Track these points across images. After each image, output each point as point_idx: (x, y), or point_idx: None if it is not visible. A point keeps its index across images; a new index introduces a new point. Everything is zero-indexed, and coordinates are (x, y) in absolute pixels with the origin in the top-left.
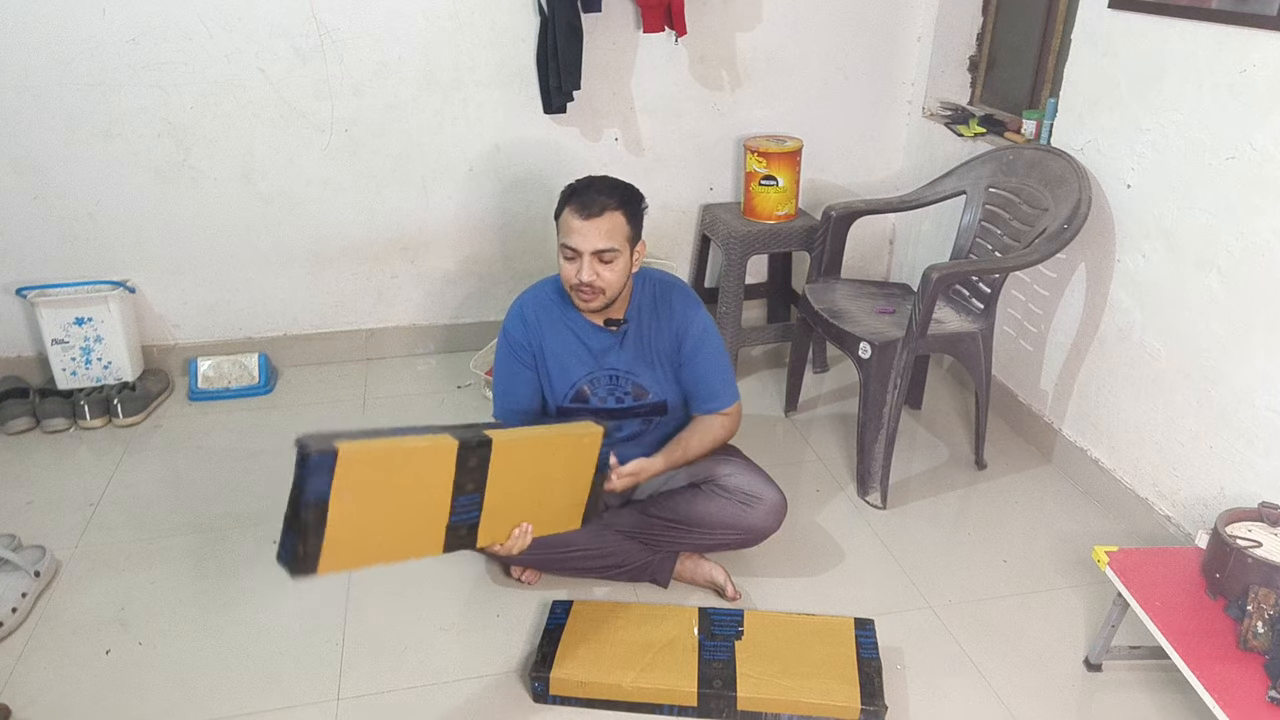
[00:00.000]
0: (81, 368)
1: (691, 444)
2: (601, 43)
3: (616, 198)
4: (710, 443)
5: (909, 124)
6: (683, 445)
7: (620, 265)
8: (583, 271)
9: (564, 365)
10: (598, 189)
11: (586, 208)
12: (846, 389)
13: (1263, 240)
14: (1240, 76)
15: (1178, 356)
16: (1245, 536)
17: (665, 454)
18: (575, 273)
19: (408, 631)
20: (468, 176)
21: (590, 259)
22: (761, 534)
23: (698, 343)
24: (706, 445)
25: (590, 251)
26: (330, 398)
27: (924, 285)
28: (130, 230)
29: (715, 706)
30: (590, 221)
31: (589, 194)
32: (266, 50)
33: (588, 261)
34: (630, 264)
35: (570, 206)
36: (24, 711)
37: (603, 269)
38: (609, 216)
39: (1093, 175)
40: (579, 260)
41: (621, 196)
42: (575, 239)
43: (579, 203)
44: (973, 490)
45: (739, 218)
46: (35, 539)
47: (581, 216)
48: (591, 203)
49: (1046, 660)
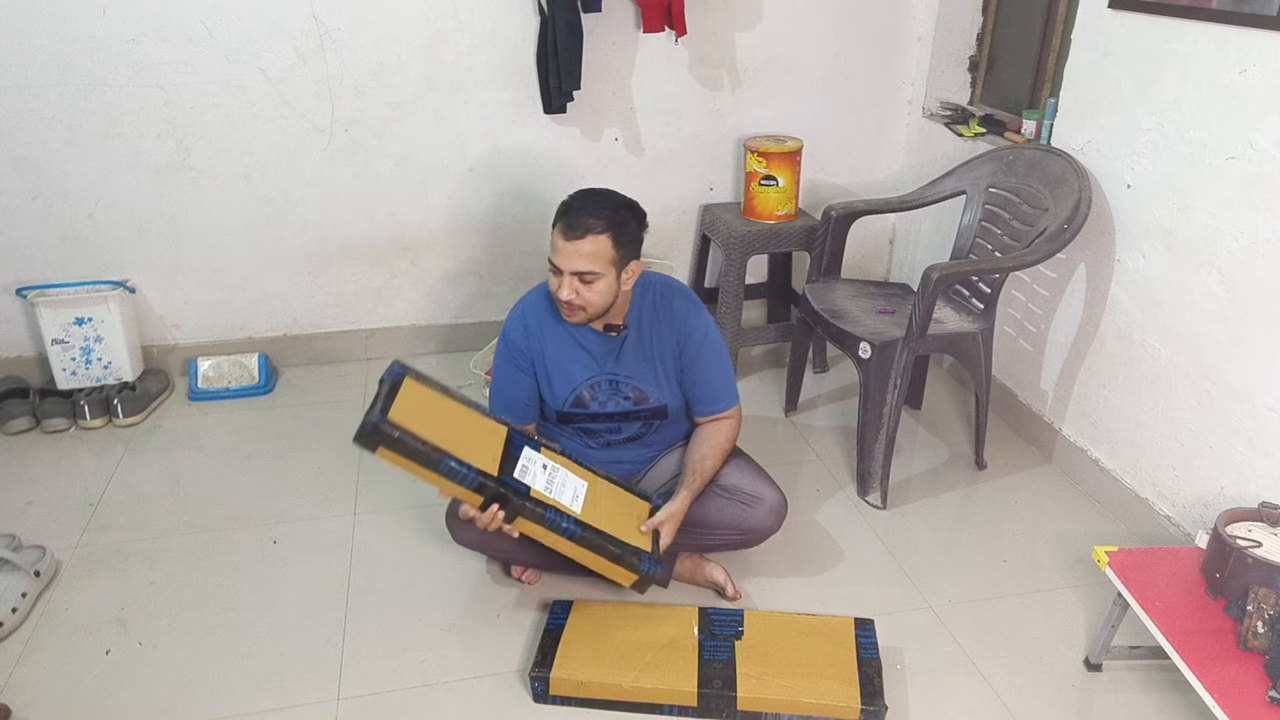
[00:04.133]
0: (81, 368)
1: (708, 465)
2: (601, 43)
3: (605, 219)
4: (723, 455)
5: (909, 124)
6: (699, 471)
7: (601, 287)
8: (563, 289)
9: (565, 369)
10: (589, 210)
11: (571, 229)
12: (846, 389)
13: (1263, 240)
14: (1240, 77)
15: (1178, 356)
16: (1245, 536)
17: (687, 487)
18: (557, 288)
19: (408, 631)
20: (468, 177)
21: (570, 278)
22: (762, 534)
23: (699, 346)
24: (720, 459)
25: (570, 272)
26: (330, 398)
27: (924, 285)
28: (130, 230)
29: (715, 706)
30: (572, 243)
31: (578, 215)
32: (266, 50)
33: (568, 280)
34: (616, 284)
35: (559, 224)
36: (24, 711)
37: (582, 289)
38: (591, 240)
39: (1093, 175)
40: (561, 277)
41: (611, 219)
42: (558, 258)
43: (566, 222)
44: (973, 490)
45: (739, 218)
46: (35, 539)
47: (565, 237)
48: (577, 224)
49: (1046, 660)
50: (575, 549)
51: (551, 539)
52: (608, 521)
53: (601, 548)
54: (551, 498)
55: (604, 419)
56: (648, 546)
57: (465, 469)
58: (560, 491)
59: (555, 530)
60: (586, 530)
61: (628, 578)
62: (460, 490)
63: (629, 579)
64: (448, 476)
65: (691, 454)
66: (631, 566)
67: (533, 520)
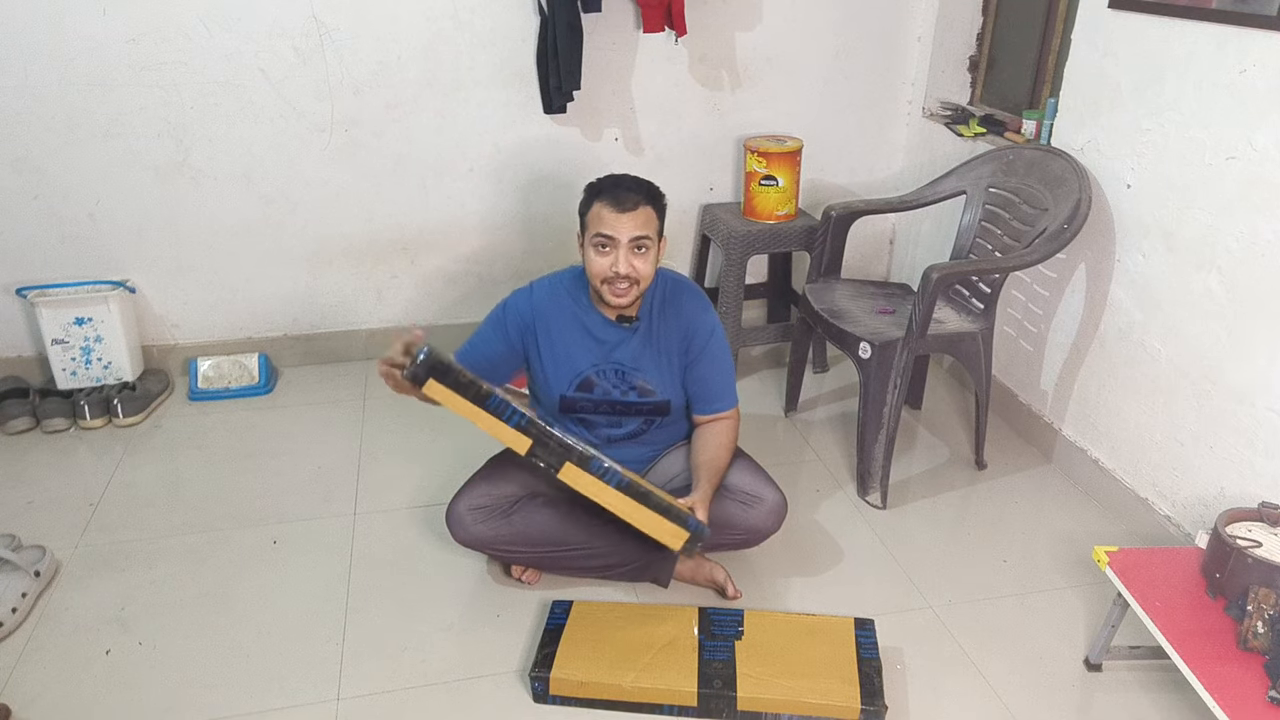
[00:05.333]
0: (81, 368)
1: (721, 461)
2: (601, 43)
3: (643, 192)
4: (731, 454)
5: (909, 124)
6: (715, 466)
7: (652, 257)
8: (619, 264)
9: (570, 354)
10: (628, 185)
11: (621, 202)
12: (846, 389)
13: (1263, 240)
14: (1240, 76)
15: (1178, 356)
16: (1245, 536)
17: (707, 482)
18: (609, 265)
19: (408, 631)
20: (468, 176)
21: (626, 250)
22: (762, 534)
23: (706, 343)
24: (730, 457)
25: (628, 240)
26: (330, 398)
27: (924, 285)
28: (130, 230)
29: (715, 706)
30: (626, 214)
31: (620, 190)
32: (266, 50)
33: (624, 254)
34: (658, 258)
35: (602, 201)
36: (24, 711)
37: (636, 260)
38: (643, 210)
39: (1093, 175)
40: (614, 252)
41: (649, 191)
42: (613, 228)
43: (612, 198)
44: (973, 490)
45: (739, 218)
46: (35, 539)
47: (617, 209)
48: (625, 198)
49: (1046, 660)
50: (623, 500)
51: (597, 488)
52: (649, 486)
53: (649, 499)
54: (598, 455)
55: (606, 408)
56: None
57: (512, 407)
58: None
59: (605, 479)
60: (635, 484)
61: (677, 535)
62: (506, 430)
63: (679, 536)
64: (494, 412)
65: (701, 452)
66: (681, 521)
67: (580, 466)
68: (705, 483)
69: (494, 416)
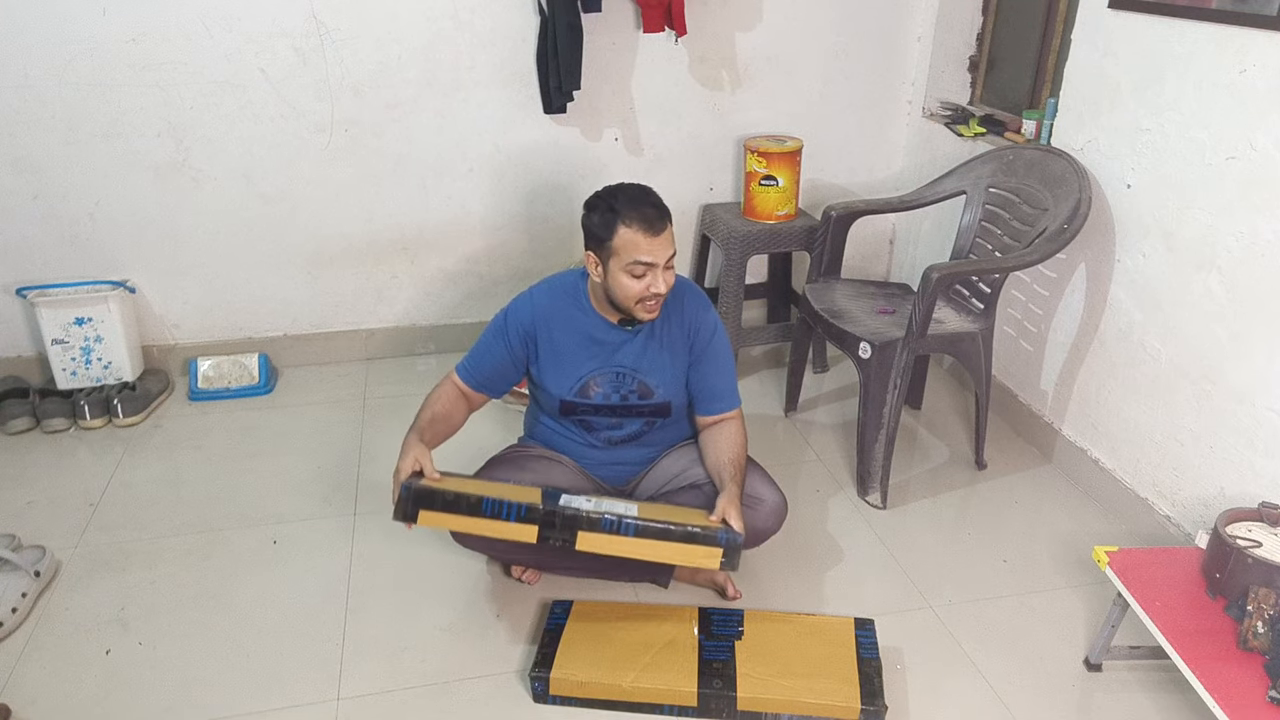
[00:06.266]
0: (81, 368)
1: (742, 459)
2: (601, 43)
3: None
4: (746, 449)
5: (909, 124)
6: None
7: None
8: (658, 284)
9: (573, 358)
10: (651, 203)
11: (653, 225)
12: (846, 389)
13: (1263, 240)
14: (1240, 77)
15: (1178, 356)
16: (1245, 536)
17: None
18: (647, 287)
19: (408, 631)
20: (467, 176)
21: (662, 270)
22: (762, 535)
23: (708, 341)
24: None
25: (664, 263)
26: (330, 398)
27: (924, 285)
28: (130, 230)
29: (715, 706)
30: (661, 236)
31: (646, 208)
32: (266, 50)
33: (663, 274)
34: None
35: (631, 226)
36: (24, 711)
37: (668, 275)
38: (669, 227)
39: (1093, 175)
40: (652, 274)
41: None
42: (651, 253)
43: (643, 221)
44: (973, 490)
45: (739, 218)
46: (35, 539)
47: (652, 232)
48: (655, 218)
49: (1046, 660)
50: (646, 545)
51: (618, 544)
52: (666, 516)
53: (670, 533)
54: (603, 511)
55: (606, 411)
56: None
57: (506, 503)
58: (610, 507)
59: (620, 532)
60: (651, 523)
61: (712, 555)
62: (509, 527)
63: (713, 556)
64: (492, 516)
65: (722, 452)
66: (711, 541)
67: (593, 529)
68: (732, 482)
69: (494, 520)
